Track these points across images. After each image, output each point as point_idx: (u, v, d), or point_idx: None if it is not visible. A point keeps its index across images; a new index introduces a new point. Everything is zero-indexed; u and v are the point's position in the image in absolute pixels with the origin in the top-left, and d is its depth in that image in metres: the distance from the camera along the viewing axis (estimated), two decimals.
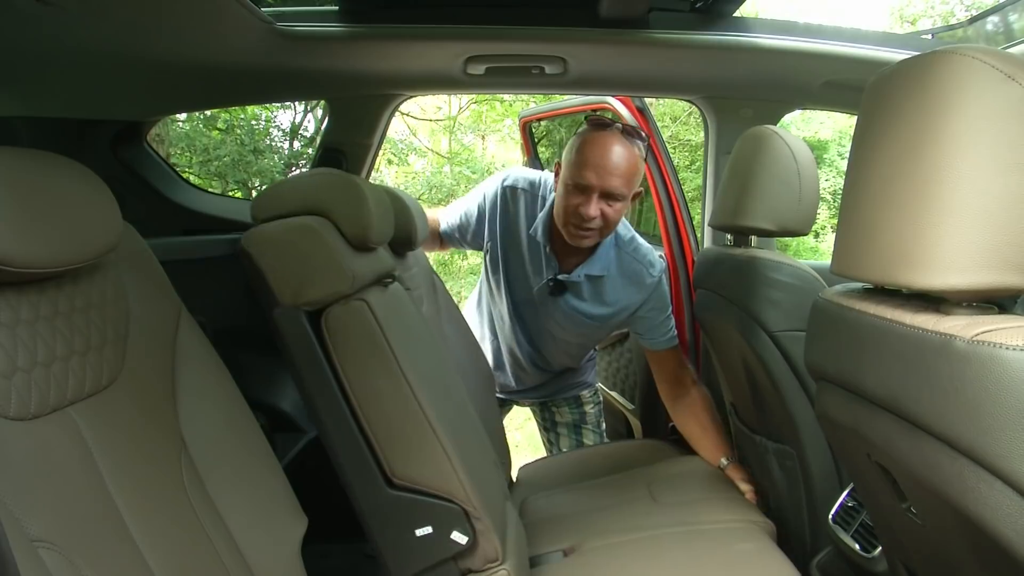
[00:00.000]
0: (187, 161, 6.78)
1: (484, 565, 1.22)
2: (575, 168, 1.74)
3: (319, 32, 1.62)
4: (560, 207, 1.80)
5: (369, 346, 1.18)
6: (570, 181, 1.75)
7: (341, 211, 1.20)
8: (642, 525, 1.60)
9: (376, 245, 1.28)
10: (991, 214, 0.70)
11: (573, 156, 1.75)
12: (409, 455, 1.22)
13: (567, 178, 1.76)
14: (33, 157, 0.83)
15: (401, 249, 1.74)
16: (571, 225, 1.78)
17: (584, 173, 1.72)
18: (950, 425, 0.72)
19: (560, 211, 1.80)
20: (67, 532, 0.73)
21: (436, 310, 1.97)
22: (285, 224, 1.20)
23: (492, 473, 1.43)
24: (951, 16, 9.75)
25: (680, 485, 1.78)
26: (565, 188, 1.77)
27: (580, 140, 1.76)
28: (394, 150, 7.91)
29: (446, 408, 1.34)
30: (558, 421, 2.35)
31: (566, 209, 1.77)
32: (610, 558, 1.48)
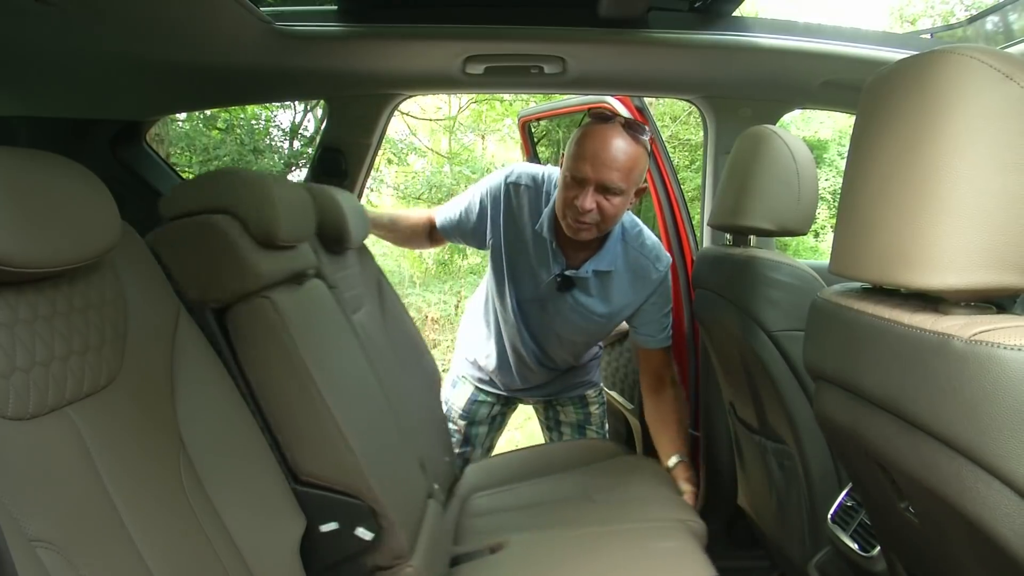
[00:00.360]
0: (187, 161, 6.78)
1: (391, 561, 1.23)
2: (572, 160, 1.73)
3: (318, 32, 1.62)
4: (559, 200, 1.81)
5: (272, 343, 1.18)
6: (567, 173, 1.74)
7: (246, 209, 1.20)
8: (571, 523, 1.61)
9: (287, 243, 1.27)
10: (989, 214, 0.70)
11: (572, 148, 1.75)
12: (314, 452, 1.23)
13: (565, 170, 1.76)
14: (32, 157, 0.83)
15: (336, 248, 1.73)
16: (568, 218, 1.78)
17: (580, 165, 1.71)
18: (948, 425, 0.72)
19: (559, 204, 1.81)
20: (65, 532, 0.73)
21: (379, 311, 1.98)
22: (190, 222, 1.19)
23: (410, 472, 1.44)
24: (951, 16, 9.75)
25: (620, 485, 1.78)
26: (563, 180, 1.77)
27: (580, 133, 1.75)
28: (394, 150, 7.90)
29: (358, 407, 1.36)
30: (562, 420, 2.33)
31: (564, 201, 1.77)
32: (530, 555, 1.49)
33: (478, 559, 1.50)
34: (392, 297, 2.10)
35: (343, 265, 1.78)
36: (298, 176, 7.62)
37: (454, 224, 2.08)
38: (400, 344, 2.00)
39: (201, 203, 1.17)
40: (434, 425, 2.01)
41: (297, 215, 1.32)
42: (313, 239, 1.63)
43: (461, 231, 2.08)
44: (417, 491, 1.42)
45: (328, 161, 2.21)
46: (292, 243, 1.31)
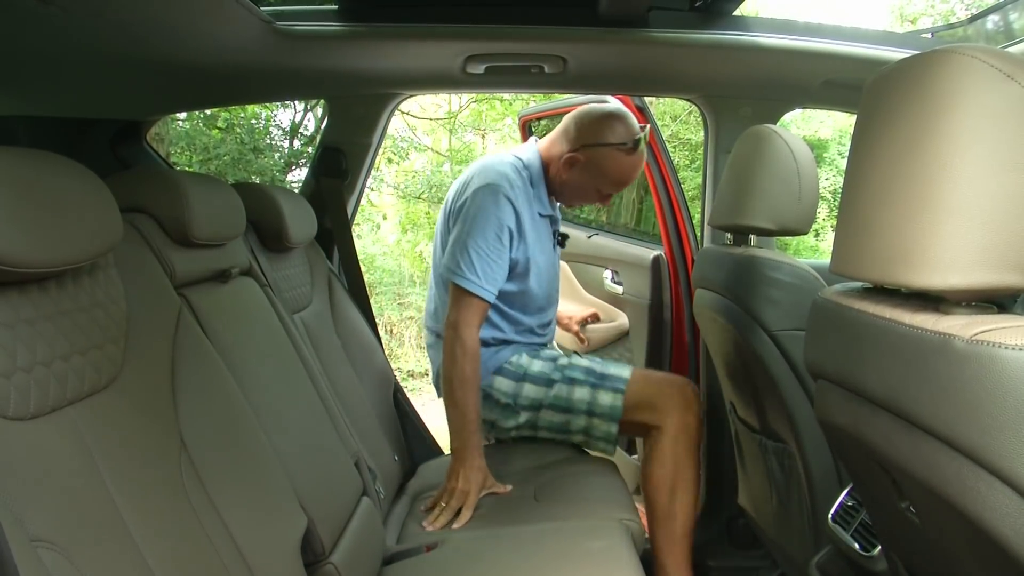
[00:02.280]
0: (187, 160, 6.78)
1: (310, 558, 1.24)
2: (613, 186, 1.91)
3: (318, 31, 1.62)
4: (576, 198, 1.99)
5: (187, 340, 1.16)
6: (598, 191, 1.91)
7: (158, 208, 1.21)
8: (509, 521, 1.61)
9: (206, 241, 1.28)
10: (990, 213, 0.70)
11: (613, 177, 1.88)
12: None
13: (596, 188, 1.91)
14: (33, 157, 0.83)
15: (276, 246, 1.74)
16: (581, 202, 2.04)
17: (618, 190, 1.95)
18: (949, 425, 0.72)
19: (580, 195, 1.96)
20: (66, 532, 0.73)
21: (328, 310, 1.99)
22: None
23: (340, 471, 1.44)
24: (951, 15, 9.74)
25: (568, 485, 1.77)
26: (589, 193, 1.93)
27: (624, 164, 1.86)
28: (394, 148, 7.90)
29: (282, 403, 1.37)
30: None
31: (585, 196, 1.96)
32: (461, 554, 1.49)
33: (412, 557, 1.50)
34: (343, 297, 2.10)
35: (285, 264, 1.80)
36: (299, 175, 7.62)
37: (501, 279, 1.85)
38: (349, 343, 2.01)
39: (119, 202, 1.18)
40: (383, 423, 2.02)
41: (217, 214, 1.32)
42: (250, 237, 1.64)
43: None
44: (346, 490, 1.43)
45: (329, 160, 2.21)
46: (213, 241, 1.32)
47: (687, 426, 1.82)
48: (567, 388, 1.87)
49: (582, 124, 1.87)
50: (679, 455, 1.81)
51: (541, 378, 1.90)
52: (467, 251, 1.75)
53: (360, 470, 1.56)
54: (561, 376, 1.89)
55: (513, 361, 1.93)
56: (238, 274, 1.43)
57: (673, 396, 1.83)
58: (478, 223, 1.77)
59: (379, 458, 1.83)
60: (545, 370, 1.91)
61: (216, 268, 1.34)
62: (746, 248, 1.64)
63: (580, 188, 1.92)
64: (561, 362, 1.92)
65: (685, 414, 1.82)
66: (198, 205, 1.23)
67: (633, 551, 1.46)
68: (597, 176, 1.88)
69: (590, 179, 1.89)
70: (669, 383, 1.88)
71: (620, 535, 1.50)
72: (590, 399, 1.86)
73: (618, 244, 2.67)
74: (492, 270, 1.77)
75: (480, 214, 1.78)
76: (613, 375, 1.87)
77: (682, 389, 1.85)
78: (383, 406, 2.09)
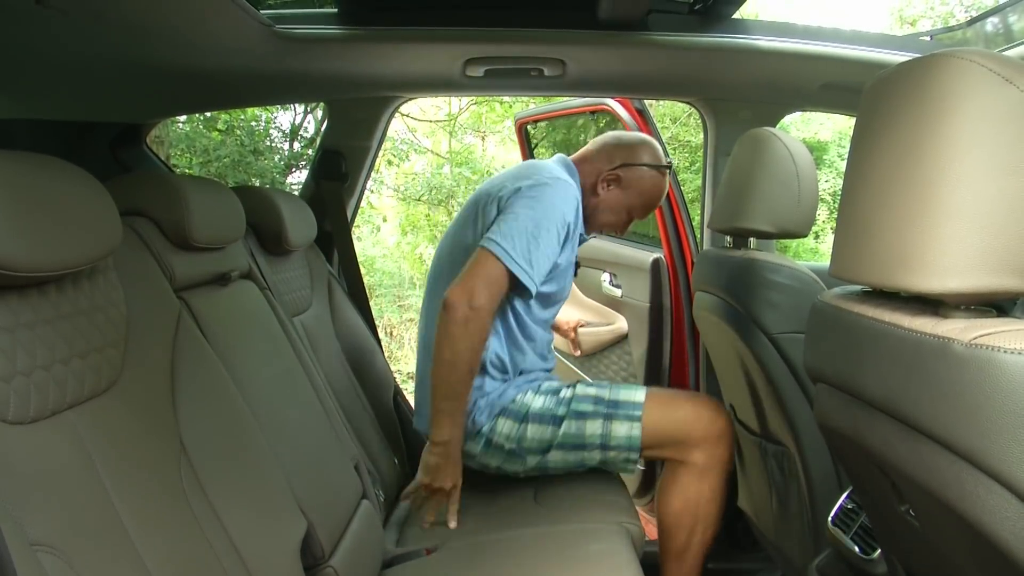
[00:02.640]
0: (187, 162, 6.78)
1: (310, 562, 1.24)
2: (645, 209, 1.89)
3: (318, 35, 1.62)
4: (606, 220, 1.88)
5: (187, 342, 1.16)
6: (630, 212, 1.87)
7: (158, 211, 1.22)
8: (511, 525, 1.60)
9: (206, 244, 1.28)
10: (988, 217, 0.71)
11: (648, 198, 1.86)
12: None
13: (630, 208, 1.86)
14: (32, 161, 0.83)
15: (276, 249, 1.75)
16: (605, 226, 1.90)
17: (648, 213, 1.92)
18: (948, 428, 0.72)
19: (604, 222, 1.88)
20: (66, 536, 0.73)
21: (328, 314, 1.99)
22: None
23: (339, 474, 1.44)
24: (951, 17, 9.75)
25: (569, 488, 1.76)
26: (622, 213, 1.87)
27: (660, 186, 1.86)
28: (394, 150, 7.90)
29: (282, 406, 1.37)
30: None
31: (616, 221, 1.88)
32: (462, 557, 1.49)
33: (412, 560, 1.50)
34: (343, 300, 2.10)
35: (285, 267, 1.80)
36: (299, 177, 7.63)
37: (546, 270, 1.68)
38: (349, 346, 2.02)
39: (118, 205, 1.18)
40: (383, 426, 2.02)
41: (216, 217, 1.33)
42: (250, 241, 1.65)
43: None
44: (346, 493, 1.43)
45: (328, 164, 2.21)
46: (212, 245, 1.32)
47: (718, 460, 1.67)
48: (577, 424, 1.68)
49: (621, 146, 1.85)
50: (704, 492, 1.67)
51: (546, 416, 1.70)
52: (524, 232, 1.58)
53: (360, 473, 1.56)
54: (567, 411, 1.70)
55: (517, 400, 1.73)
56: (238, 277, 1.43)
57: (701, 427, 1.67)
58: (543, 210, 1.62)
59: (379, 461, 1.84)
60: (549, 406, 1.71)
61: (216, 271, 1.35)
62: (746, 251, 1.64)
63: (613, 209, 1.86)
64: (565, 395, 1.73)
65: (716, 447, 1.66)
66: (198, 208, 1.23)
67: (633, 554, 1.46)
68: (634, 196, 1.85)
69: (626, 199, 1.85)
70: (696, 413, 1.69)
71: (620, 538, 1.50)
72: (603, 431, 1.68)
73: (616, 247, 2.67)
74: (540, 263, 1.61)
75: (548, 203, 1.64)
76: (626, 401, 1.69)
77: (712, 418, 1.68)
78: (383, 409, 2.09)
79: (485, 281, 1.55)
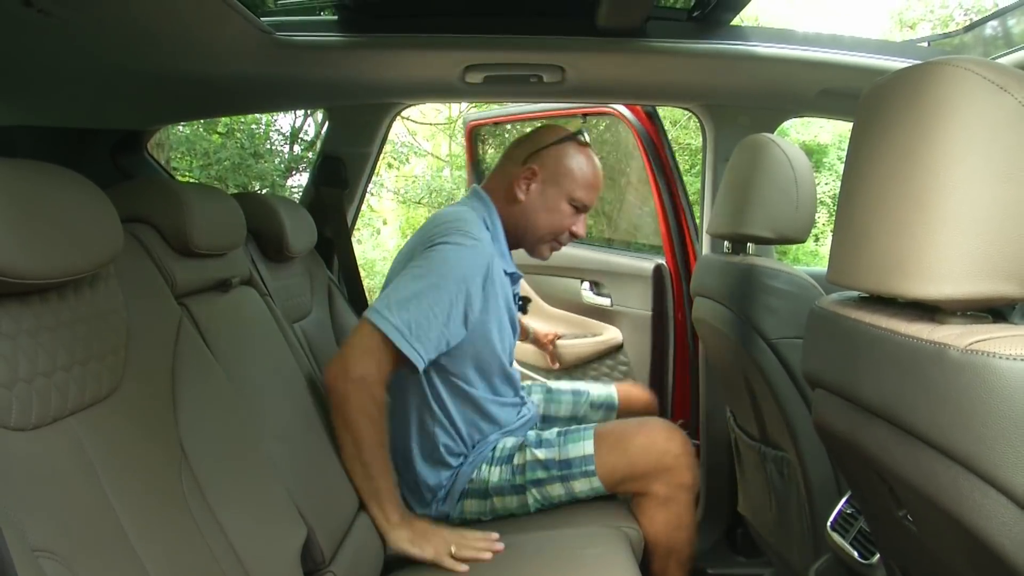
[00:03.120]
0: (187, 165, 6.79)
1: (311, 567, 1.24)
2: (584, 189, 1.67)
3: (318, 42, 1.62)
4: (549, 223, 1.68)
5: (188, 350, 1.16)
6: (572, 203, 1.67)
7: (159, 218, 1.22)
8: (510, 530, 1.59)
9: (207, 251, 1.29)
10: (984, 224, 0.71)
11: (579, 175, 1.66)
12: None
13: (567, 196, 1.66)
14: (33, 168, 0.83)
15: (276, 256, 1.76)
16: (553, 242, 1.71)
17: (591, 195, 1.68)
18: (945, 434, 0.72)
19: (547, 227, 1.68)
20: (67, 542, 0.74)
21: (328, 320, 2.00)
22: None
23: (339, 479, 1.44)
24: (950, 20, 9.77)
25: None
26: (560, 206, 1.67)
27: (583, 160, 1.68)
28: (394, 153, 7.92)
29: (282, 412, 1.37)
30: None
31: (556, 227, 1.68)
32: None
33: (412, 566, 1.50)
34: (343, 306, 2.11)
35: (285, 273, 1.80)
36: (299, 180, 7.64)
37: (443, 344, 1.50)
38: None
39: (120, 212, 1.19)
40: None
41: (217, 224, 1.33)
42: (250, 247, 1.65)
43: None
44: (346, 498, 1.43)
45: (329, 169, 2.22)
46: (214, 251, 1.32)
47: (678, 487, 1.58)
48: (539, 491, 1.62)
49: (521, 141, 1.74)
50: (671, 520, 1.60)
51: (506, 487, 1.63)
52: (407, 300, 1.42)
53: None
54: (525, 480, 1.61)
55: (475, 478, 1.64)
56: (239, 284, 1.44)
57: (653, 459, 1.58)
58: (437, 275, 1.46)
59: None
60: (507, 476, 1.63)
61: (217, 278, 1.35)
62: (744, 256, 1.64)
63: (546, 207, 1.67)
64: (518, 461, 1.62)
65: (673, 475, 1.57)
66: (199, 215, 1.24)
67: (631, 558, 1.46)
68: (562, 180, 1.66)
69: (555, 189, 1.67)
70: (645, 445, 1.58)
71: (618, 542, 1.50)
72: (566, 492, 1.61)
73: (601, 255, 2.64)
74: (427, 329, 1.42)
75: (441, 267, 1.47)
76: (576, 457, 1.59)
77: (664, 447, 1.57)
78: None
79: (361, 351, 1.41)
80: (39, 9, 1.12)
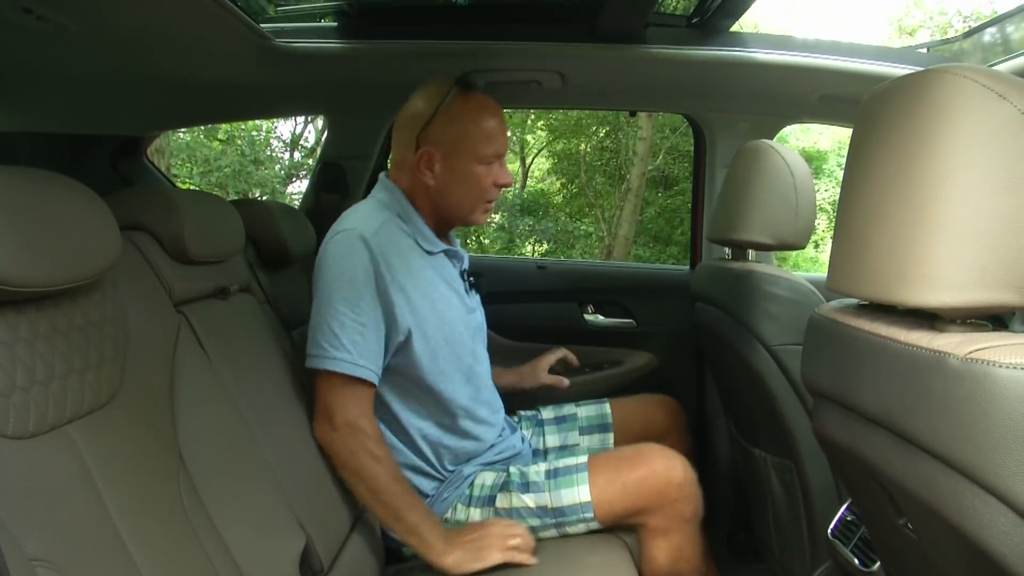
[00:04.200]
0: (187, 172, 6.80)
1: (312, 575, 1.24)
2: (488, 142, 1.47)
3: (318, 48, 1.63)
4: (469, 194, 1.50)
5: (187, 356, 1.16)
6: (480, 161, 1.47)
7: (157, 225, 1.22)
8: None
9: (203, 259, 1.28)
10: (983, 232, 0.71)
11: (475, 132, 1.47)
12: None
13: (475, 159, 1.47)
14: (31, 176, 0.83)
15: (276, 263, 1.76)
16: (486, 203, 1.52)
17: (499, 141, 1.49)
18: (945, 443, 0.72)
19: (469, 198, 1.50)
20: (65, 551, 0.73)
21: None
22: None
23: (337, 487, 1.43)
24: (949, 27, 9.80)
25: None
26: (472, 172, 1.48)
27: (471, 111, 1.48)
28: None
29: (281, 419, 1.36)
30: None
31: (478, 193, 1.50)
32: None
33: (411, 573, 1.49)
34: None
35: (285, 280, 1.80)
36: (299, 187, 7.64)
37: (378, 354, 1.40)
38: None
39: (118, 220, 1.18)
40: None
41: (215, 231, 1.33)
42: (249, 254, 1.64)
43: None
44: (344, 506, 1.42)
45: (328, 176, 2.22)
46: (211, 259, 1.32)
47: (678, 518, 1.46)
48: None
49: (405, 120, 1.51)
50: (672, 553, 1.47)
51: None
52: (327, 325, 1.36)
53: None
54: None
55: (450, 519, 1.50)
56: (237, 291, 1.44)
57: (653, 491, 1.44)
58: (333, 286, 1.38)
59: None
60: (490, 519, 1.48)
61: (215, 285, 1.35)
62: (744, 263, 1.64)
63: (460, 179, 1.48)
64: (501, 504, 1.48)
65: (674, 506, 1.44)
66: (196, 223, 1.24)
67: (632, 566, 1.45)
68: (461, 147, 1.47)
69: (461, 159, 1.47)
70: (642, 479, 1.44)
71: (618, 550, 1.49)
72: (559, 534, 1.49)
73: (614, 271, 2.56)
74: (364, 341, 1.36)
75: (331, 274, 1.39)
76: (571, 505, 1.45)
77: (665, 478, 1.43)
78: None
79: (327, 398, 1.37)
80: (38, 16, 1.12)
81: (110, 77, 1.53)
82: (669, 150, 10.30)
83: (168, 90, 1.70)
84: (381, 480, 1.36)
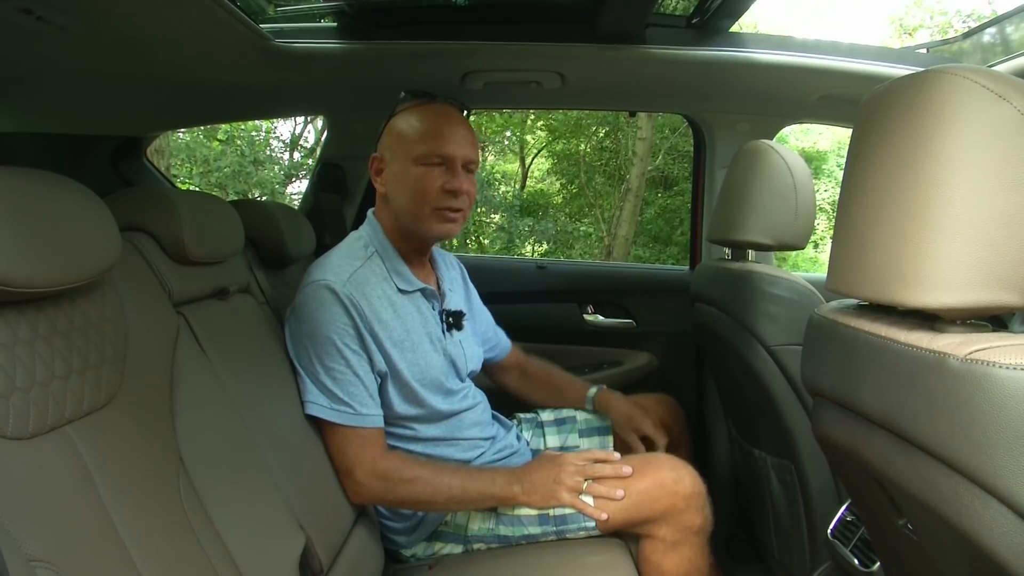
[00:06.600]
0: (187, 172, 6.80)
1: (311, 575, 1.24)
2: (423, 142, 1.42)
3: (318, 49, 1.63)
4: (411, 197, 1.43)
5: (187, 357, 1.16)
6: (417, 160, 1.42)
7: (155, 226, 1.22)
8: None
9: (202, 259, 1.28)
10: (983, 233, 0.71)
11: (410, 132, 1.44)
12: None
13: (411, 159, 1.42)
14: (31, 176, 0.83)
15: (275, 263, 1.76)
16: (441, 211, 1.43)
17: (441, 144, 1.42)
18: (945, 443, 0.72)
19: (413, 202, 1.43)
20: (65, 551, 0.73)
21: None
22: None
23: (337, 487, 1.43)
24: (948, 27, 9.81)
25: None
26: (408, 173, 1.43)
27: (413, 116, 1.46)
28: None
29: (281, 420, 1.36)
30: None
31: (420, 196, 1.42)
32: (462, 571, 1.47)
33: (411, 574, 1.49)
34: None
35: (284, 280, 1.80)
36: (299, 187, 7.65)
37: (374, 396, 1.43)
38: None
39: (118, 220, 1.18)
40: None
41: (215, 232, 1.33)
42: (249, 255, 1.64)
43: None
44: (344, 507, 1.42)
45: (328, 176, 2.22)
46: (210, 260, 1.32)
47: (687, 529, 1.42)
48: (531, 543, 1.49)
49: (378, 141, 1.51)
50: (683, 565, 1.43)
51: (490, 538, 1.50)
52: (320, 382, 1.38)
53: None
54: (515, 535, 1.49)
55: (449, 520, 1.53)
56: (237, 292, 1.44)
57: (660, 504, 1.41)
58: (313, 341, 1.39)
59: None
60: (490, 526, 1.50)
61: (215, 286, 1.35)
62: (744, 263, 1.64)
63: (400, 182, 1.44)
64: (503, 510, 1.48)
65: (682, 516, 1.41)
66: (195, 224, 1.24)
67: (631, 566, 1.45)
68: (398, 148, 1.44)
69: (398, 161, 1.44)
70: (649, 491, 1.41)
71: (618, 550, 1.49)
72: (559, 539, 1.49)
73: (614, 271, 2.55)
74: (361, 389, 1.38)
75: (307, 328, 1.40)
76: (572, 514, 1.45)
77: (673, 488, 1.40)
78: None
79: (344, 453, 1.40)
80: (38, 16, 1.12)
81: (110, 78, 1.53)
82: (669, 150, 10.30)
83: (168, 90, 1.70)
84: (425, 493, 1.40)
